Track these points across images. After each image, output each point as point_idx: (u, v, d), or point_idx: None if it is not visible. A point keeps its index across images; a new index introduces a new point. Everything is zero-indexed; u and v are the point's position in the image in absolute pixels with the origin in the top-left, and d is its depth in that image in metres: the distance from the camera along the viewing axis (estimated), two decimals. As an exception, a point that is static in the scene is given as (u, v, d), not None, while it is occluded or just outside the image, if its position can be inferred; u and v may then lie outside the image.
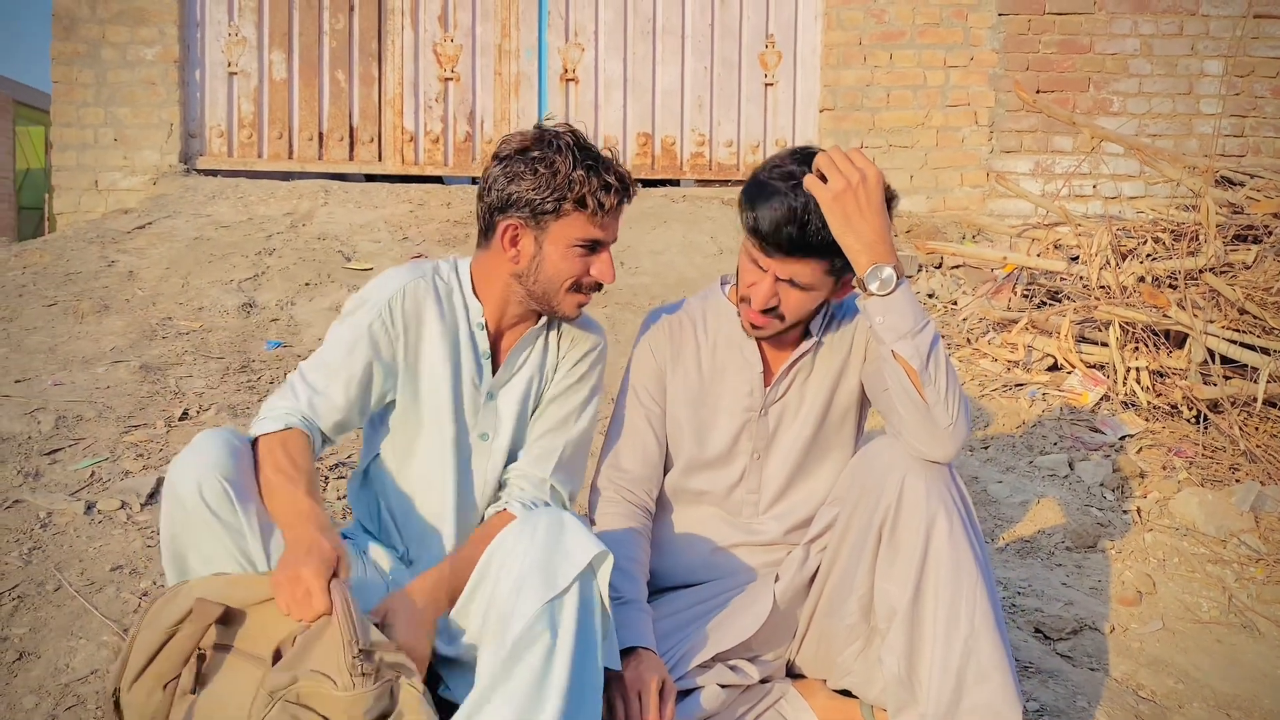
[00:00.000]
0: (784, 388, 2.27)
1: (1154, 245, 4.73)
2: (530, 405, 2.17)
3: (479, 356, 2.12)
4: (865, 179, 1.91)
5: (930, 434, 1.94)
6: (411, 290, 2.07)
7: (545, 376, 2.18)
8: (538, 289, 2.05)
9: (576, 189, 1.96)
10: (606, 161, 2.02)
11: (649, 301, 5.51)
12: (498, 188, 2.00)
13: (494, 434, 2.14)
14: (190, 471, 1.76)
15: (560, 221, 1.99)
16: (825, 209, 1.92)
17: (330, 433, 2.02)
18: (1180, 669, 2.68)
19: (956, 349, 4.88)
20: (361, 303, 2.07)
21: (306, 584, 1.65)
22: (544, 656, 1.67)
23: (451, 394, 2.08)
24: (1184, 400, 4.07)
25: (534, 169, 1.97)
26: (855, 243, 1.93)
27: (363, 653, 1.62)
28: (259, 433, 1.92)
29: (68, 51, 7.28)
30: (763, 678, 2.20)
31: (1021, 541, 3.34)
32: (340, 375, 2.01)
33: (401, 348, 2.06)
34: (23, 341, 4.58)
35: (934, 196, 7.49)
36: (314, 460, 1.93)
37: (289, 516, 1.77)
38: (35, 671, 2.42)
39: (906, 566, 1.95)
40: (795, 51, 7.83)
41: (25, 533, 3.00)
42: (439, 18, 7.68)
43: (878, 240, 1.92)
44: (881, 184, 1.94)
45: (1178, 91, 7.45)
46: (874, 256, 1.92)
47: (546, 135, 2.01)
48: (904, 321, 1.93)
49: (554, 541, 1.75)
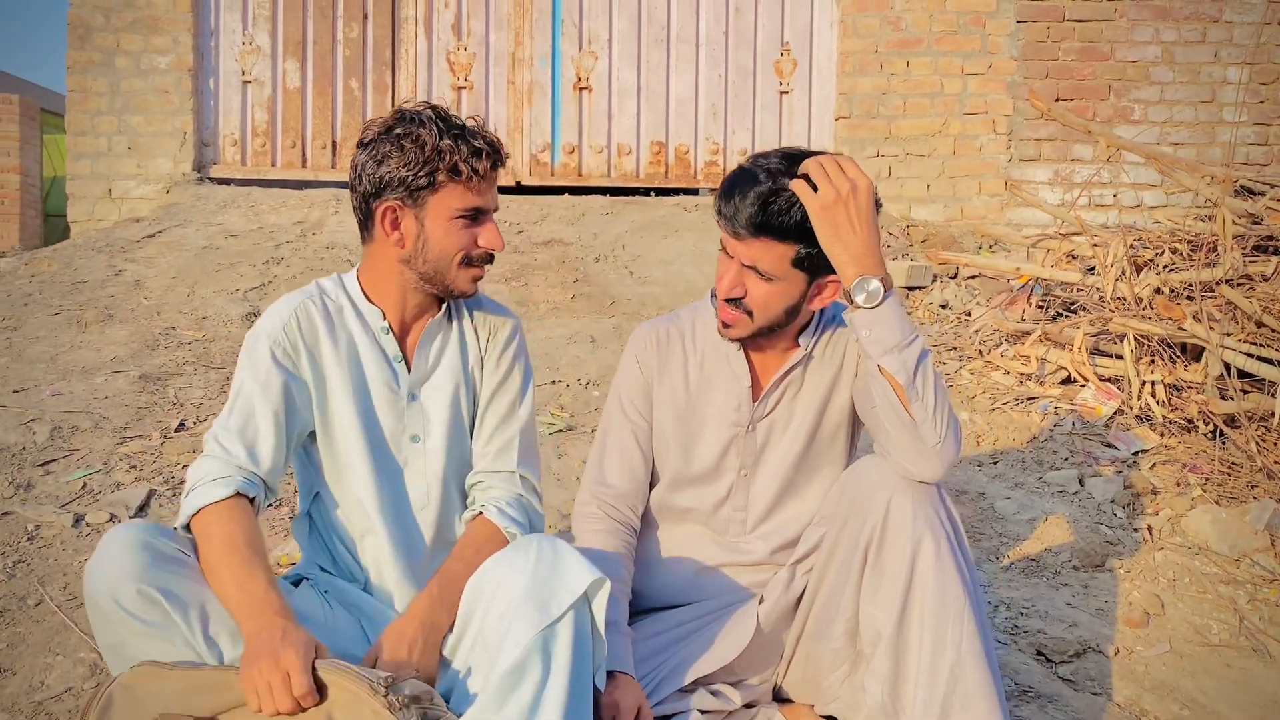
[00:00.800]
0: (773, 402, 2.21)
1: (1171, 256, 4.64)
2: (465, 405, 2.11)
3: (390, 361, 2.05)
4: (856, 190, 1.85)
5: (918, 452, 1.88)
6: (303, 312, 2.01)
7: (472, 374, 2.12)
8: (428, 269, 1.98)
9: (447, 158, 1.90)
10: (472, 129, 1.97)
11: (657, 311, 5.46)
12: (368, 173, 1.94)
13: (424, 434, 2.07)
14: (102, 583, 1.64)
15: (437, 195, 1.94)
16: (814, 218, 1.87)
17: (270, 480, 1.92)
18: (1187, 694, 2.59)
19: (969, 361, 4.80)
20: (257, 336, 1.99)
21: (285, 669, 1.55)
22: (536, 689, 1.63)
23: (357, 408, 2.01)
24: (1200, 415, 3.98)
25: (400, 146, 1.91)
26: (843, 254, 1.87)
27: (390, 688, 1.57)
28: (196, 506, 1.81)
29: (82, 60, 7.30)
30: (748, 702, 2.14)
31: (1027, 560, 3.25)
32: (266, 413, 1.93)
33: (307, 370, 1.99)
34: (24, 351, 4.57)
35: (951, 206, 7.40)
36: (262, 534, 1.83)
37: (248, 608, 1.66)
38: (9, 688, 2.39)
39: (891, 590, 1.89)
40: (811, 59, 7.76)
41: (11, 545, 2.98)
42: (453, 26, 7.65)
43: (865, 252, 1.87)
44: (873, 195, 1.88)
45: (1200, 99, 7.34)
46: (861, 268, 1.86)
47: (407, 113, 1.95)
48: (891, 335, 1.87)
49: (549, 568, 1.70)
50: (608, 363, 4.70)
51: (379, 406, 2.04)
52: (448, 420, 2.07)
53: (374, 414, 2.03)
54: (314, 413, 2.01)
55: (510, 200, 7.26)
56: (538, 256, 6.25)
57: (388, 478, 2.04)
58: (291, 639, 1.59)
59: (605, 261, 6.23)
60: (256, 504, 1.87)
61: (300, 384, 1.98)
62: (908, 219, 7.31)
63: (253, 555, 1.73)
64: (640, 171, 7.75)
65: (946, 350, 4.96)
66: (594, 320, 5.29)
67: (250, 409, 1.93)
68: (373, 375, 2.03)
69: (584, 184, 7.72)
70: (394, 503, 2.04)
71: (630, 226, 6.79)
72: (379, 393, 2.04)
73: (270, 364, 1.96)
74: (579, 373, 4.62)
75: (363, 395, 2.02)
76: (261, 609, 1.65)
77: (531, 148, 7.71)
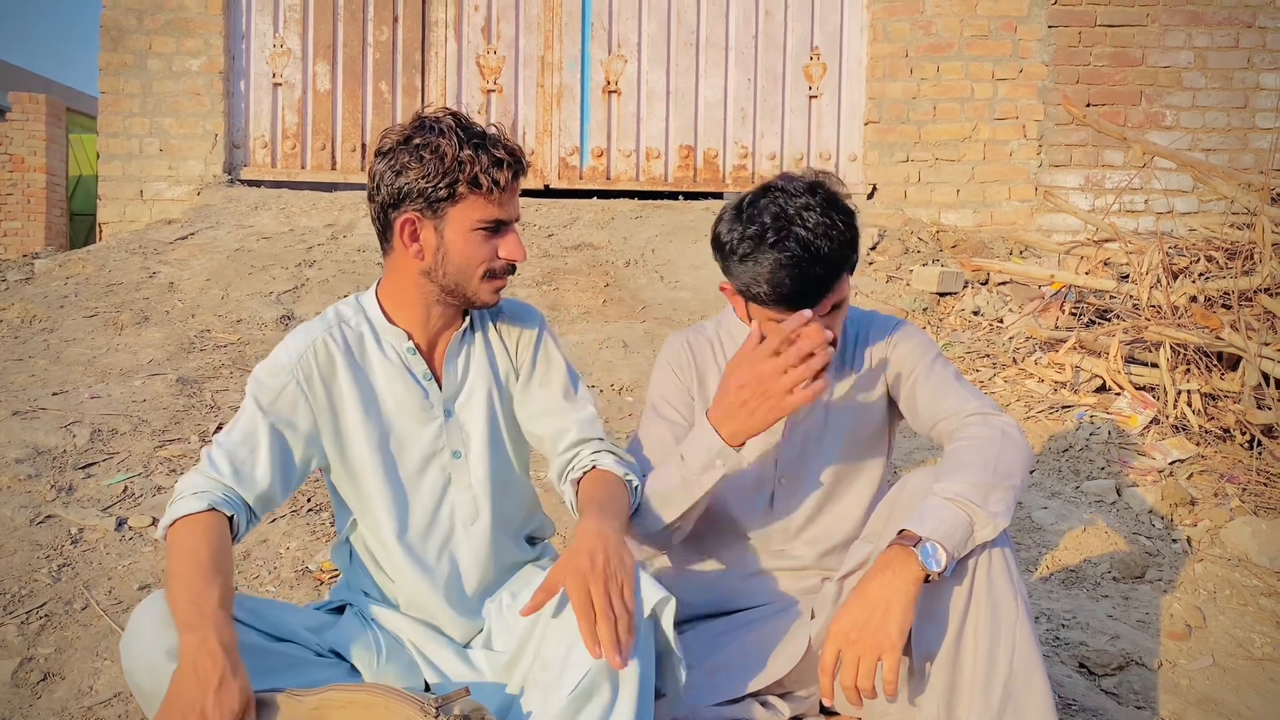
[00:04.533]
0: (805, 409, 2.21)
1: (1207, 264, 4.61)
2: (501, 414, 2.08)
3: (420, 381, 2.01)
4: None
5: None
6: (320, 346, 1.97)
7: (506, 383, 2.09)
8: (449, 281, 1.94)
9: (467, 170, 1.85)
10: (493, 137, 1.91)
11: (688, 317, 5.46)
12: (386, 183, 1.89)
13: (466, 449, 2.03)
14: (139, 661, 1.63)
15: (457, 207, 1.88)
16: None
17: (257, 504, 1.87)
18: (1231, 708, 2.58)
19: (1002, 369, 4.78)
20: (273, 366, 1.96)
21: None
22: (604, 711, 1.62)
23: (378, 439, 1.97)
24: (1237, 425, 3.95)
25: (419, 156, 1.86)
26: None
27: (440, 709, 1.57)
28: (171, 518, 1.76)
29: (115, 62, 7.35)
30: (795, 715, 2.14)
31: (1066, 571, 3.24)
32: (265, 439, 1.89)
33: (322, 403, 1.96)
34: (62, 353, 4.60)
35: (981, 211, 7.38)
36: (230, 553, 1.77)
37: (194, 622, 1.59)
38: (59, 693, 2.41)
39: (941, 607, 1.88)
40: (841, 63, 7.75)
41: (56, 549, 3.00)
42: (482, 29, 7.68)
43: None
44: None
45: (1233, 105, 7.30)
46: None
47: (426, 121, 1.90)
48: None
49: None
50: (640, 368, 4.70)
51: (413, 429, 2.00)
52: (485, 431, 2.04)
53: (405, 439, 1.99)
54: (329, 445, 1.97)
55: (539, 204, 7.27)
56: (568, 261, 6.26)
57: (427, 498, 2.00)
58: (223, 696, 1.54)
59: (635, 266, 6.24)
60: (235, 523, 1.81)
61: (310, 417, 1.94)
62: (937, 224, 7.29)
63: (213, 571, 1.67)
64: (669, 175, 7.75)
65: (979, 357, 4.94)
66: (625, 325, 5.30)
67: (251, 430, 1.89)
68: (402, 399, 1.99)
69: (612, 187, 7.73)
70: (429, 525, 2.00)
71: (659, 231, 6.79)
72: (412, 414, 2.00)
73: (278, 394, 1.92)
74: (611, 378, 4.63)
75: (387, 423, 1.98)
76: (208, 627, 1.58)
77: (560, 151, 7.72)
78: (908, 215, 7.34)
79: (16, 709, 2.34)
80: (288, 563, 3.05)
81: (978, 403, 2.04)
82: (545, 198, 7.55)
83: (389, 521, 1.97)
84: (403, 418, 1.99)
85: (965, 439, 1.95)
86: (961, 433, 1.98)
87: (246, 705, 1.56)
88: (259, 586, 2.92)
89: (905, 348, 2.20)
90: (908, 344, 2.20)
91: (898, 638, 1.71)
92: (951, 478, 1.85)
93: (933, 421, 2.09)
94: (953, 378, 2.13)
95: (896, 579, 1.75)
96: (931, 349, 2.20)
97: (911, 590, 1.74)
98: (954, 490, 1.82)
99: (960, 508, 1.80)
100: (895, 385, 2.20)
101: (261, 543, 3.15)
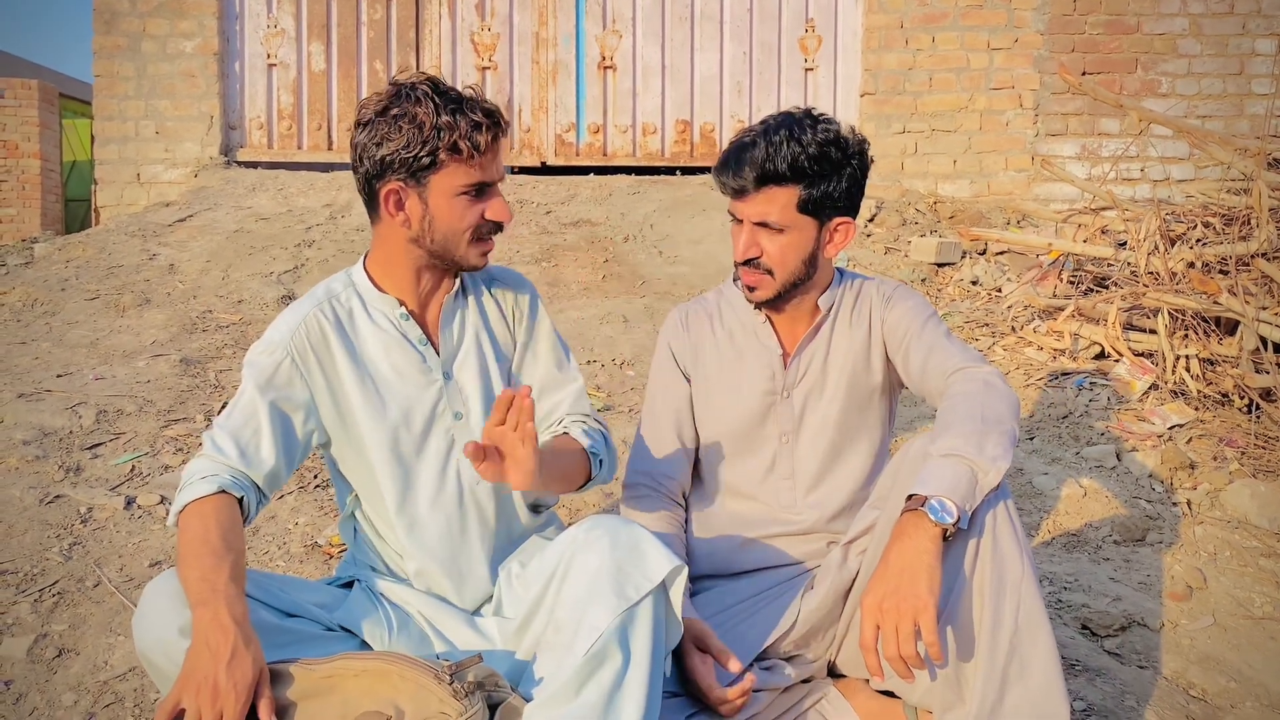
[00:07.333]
0: (803, 367, 2.25)
1: (1204, 230, 4.63)
2: (496, 376, 2.09)
3: (416, 346, 2.02)
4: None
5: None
6: (312, 321, 1.97)
7: (503, 348, 2.11)
8: (437, 246, 1.95)
9: (446, 136, 1.85)
10: (470, 100, 1.90)
11: (688, 291, 5.47)
12: (368, 155, 1.90)
13: (466, 411, 2.04)
14: (151, 639, 1.65)
15: (440, 174, 1.89)
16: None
17: (265, 483, 1.87)
18: (1233, 667, 2.61)
19: (1001, 337, 4.81)
20: (266, 345, 1.96)
21: (219, 709, 1.54)
22: (616, 675, 1.63)
23: (380, 410, 1.98)
24: (1235, 389, 3.98)
25: (398, 126, 1.86)
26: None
27: (454, 674, 1.59)
28: (182, 504, 1.78)
29: (109, 45, 7.33)
30: (803, 678, 2.17)
31: (1068, 535, 3.27)
32: (265, 418, 1.89)
33: (319, 379, 1.96)
34: (65, 335, 4.61)
35: (978, 181, 7.39)
36: (243, 534, 1.79)
37: (206, 596, 1.61)
38: (74, 668, 2.43)
39: (949, 566, 1.91)
40: (836, 35, 7.74)
41: (66, 528, 3.02)
42: (476, 6, 7.66)
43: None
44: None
45: (1228, 72, 7.30)
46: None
47: (403, 89, 1.90)
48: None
49: (626, 551, 1.69)
50: (641, 343, 4.72)
51: (413, 394, 2.00)
52: (481, 392, 2.05)
53: (407, 406, 1.99)
54: (328, 420, 1.98)
55: (536, 180, 7.27)
56: (566, 237, 6.27)
57: (433, 463, 2.01)
58: (236, 668, 1.55)
59: (634, 241, 6.25)
60: (245, 504, 1.82)
61: (307, 393, 1.95)
62: (934, 195, 7.30)
63: (224, 550, 1.68)
64: (665, 150, 7.75)
65: (979, 326, 4.96)
66: (625, 300, 5.31)
67: (251, 411, 1.89)
68: (400, 366, 2.00)
69: (609, 163, 7.73)
70: (437, 490, 2.01)
71: (657, 206, 6.80)
72: (412, 380, 2.00)
73: (273, 372, 1.92)
74: (613, 353, 4.64)
75: (387, 392, 1.99)
76: (219, 602, 1.60)
77: (556, 128, 7.72)
78: (905, 187, 7.35)
79: (34, 684, 2.36)
80: (297, 538, 3.07)
81: (960, 358, 2.08)
82: (542, 174, 7.55)
83: (394, 489, 1.98)
84: (402, 385, 2.00)
85: (950, 397, 2.00)
86: (947, 392, 2.03)
87: (260, 676, 1.58)
88: (268, 562, 2.95)
89: (901, 309, 2.23)
90: (903, 305, 2.24)
91: (929, 596, 1.72)
92: (944, 436, 1.88)
93: (922, 381, 2.14)
94: (943, 336, 2.17)
95: (914, 542, 1.77)
96: (925, 309, 2.23)
97: (931, 548, 1.76)
98: (949, 447, 1.85)
99: (959, 461, 1.82)
100: (893, 347, 2.24)
101: (270, 518, 3.18)
